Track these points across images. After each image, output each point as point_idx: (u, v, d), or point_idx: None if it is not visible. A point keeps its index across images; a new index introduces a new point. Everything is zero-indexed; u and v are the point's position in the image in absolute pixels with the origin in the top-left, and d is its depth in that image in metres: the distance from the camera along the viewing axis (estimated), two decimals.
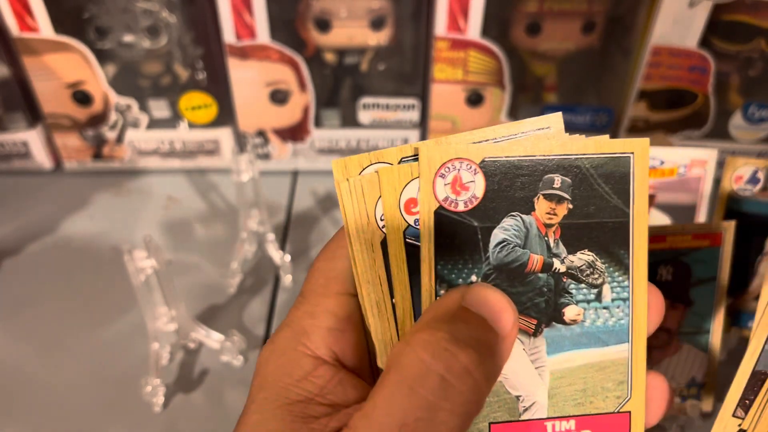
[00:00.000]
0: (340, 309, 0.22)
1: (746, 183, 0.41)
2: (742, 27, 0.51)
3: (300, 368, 0.22)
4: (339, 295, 0.23)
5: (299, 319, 0.23)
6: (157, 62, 0.54)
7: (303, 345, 0.22)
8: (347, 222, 0.22)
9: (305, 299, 0.23)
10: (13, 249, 0.54)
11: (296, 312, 0.23)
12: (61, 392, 0.44)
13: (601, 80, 0.56)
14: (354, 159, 0.22)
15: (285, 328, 0.23)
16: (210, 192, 0.59)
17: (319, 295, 0.23)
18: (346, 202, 0.22)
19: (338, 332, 0.22)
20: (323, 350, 0.22)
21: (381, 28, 0.53)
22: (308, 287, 0.23)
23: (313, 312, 0.23)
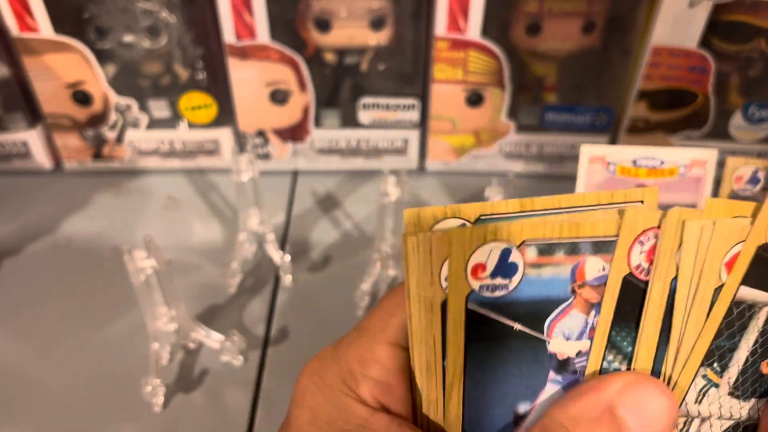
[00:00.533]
0: (391, 360, 0.22)
1: (746, 183, 0.41)
2: (742, 27, 0.51)
3: (356, 415, 0.21)
4: (392, 346, 0.22)
5: (349, 361, 0.22)
6: (157, 62, 0.54)
7: (352, 391, 0.22)
8: (408, 277, 0.21)
9: (359, 339, 0.23)
10: (13, 249, 0.54)
11: (347, 351, 0.22)
12: (61, 392, 0.44)
13: (601, 80, 0.56)
14: (428, 211, 0.21)
15: (333, 365, 0.22)
16: (210, 192, 0.59)
17: (373, 339, 0.22)
18: (411, 257, 0.20)
19: (386, 386, 0.22)
20: (371, 401, 0.22)
21: (381, 28, 0.53)
22: (365, 325, 0.23)
23: (363, 358, 0.22)
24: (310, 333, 0.48)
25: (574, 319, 0.21)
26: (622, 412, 0.19)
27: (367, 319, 0.23)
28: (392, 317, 0.22)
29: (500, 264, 0.20)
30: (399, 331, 0.22)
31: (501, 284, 0.20)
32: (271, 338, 0.48)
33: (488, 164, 0.60)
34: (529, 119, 0.58)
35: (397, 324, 0.22)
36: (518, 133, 0.58)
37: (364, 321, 0.23)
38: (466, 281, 0.20)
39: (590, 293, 0.21)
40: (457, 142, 0.59)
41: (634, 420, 0.19)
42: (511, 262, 0.20)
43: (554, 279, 0.21)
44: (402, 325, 0.22)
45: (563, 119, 0.57)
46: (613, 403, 0.19)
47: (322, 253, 0.54)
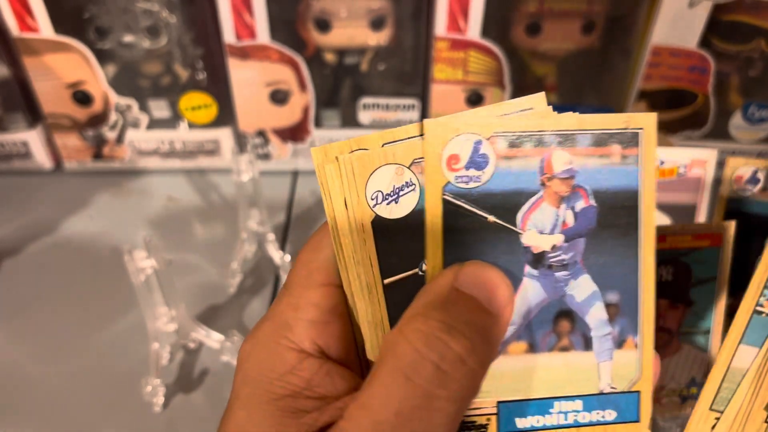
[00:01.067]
0: (323, 300, 0.22)
1: (746, 183, 0.41)
2: (742, 27, 0.51)
3: (284, 362, 0.21)
4: (322, 286, 0.22)
5: (281, 312, 0.22)
6: (157, 62, 0.54)
7: (285, 338, 0.22)
8: (332, 203, 0.21)
9: (288, 291, 0.23)
10: (14, 249, 0.54)
11: (278, 305, 0.23)
12: (61, 392, 0.44)
13: (601, 80, 0.56)
14: (334, 146, 0.22)
15: (266, 322, 0.23)
16: (210, 192, 0.59)
17: (302, 286, 0.22)
18: (332, 183, 0.21)
19: (322, 324, 0.22)
20: (307, 343, 0.22)
21: (381, 28, 0.53)
22: (291, 279, 0.23)
23: (296, 304, 0.22)
24: None
25: (545, 212, 0.22)
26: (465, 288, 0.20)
27: (290, 275, 0.23)
28: (313, 263, 0.23)
29: (473, 155, 0.21)
30: (325, 273, 0.22)
31: (474, 176, 0.21)
32: None
33: None
34: None
35: (320, 268, 0.22)
36: None
37: (289, 276, 0.23)
38: (441, 172, 0.21)
39: (559, 186, 0.21)
40: None
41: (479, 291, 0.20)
42: (483, 154, 0.21)
43: (524, 172, 0.21)
44: (326, 267, 0.22)
45: None
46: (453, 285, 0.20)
47: None
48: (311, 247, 0.23)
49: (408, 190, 0.21)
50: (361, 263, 0.22)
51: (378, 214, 0.21)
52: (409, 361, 0.18)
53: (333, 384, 0.21)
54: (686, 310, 0.37)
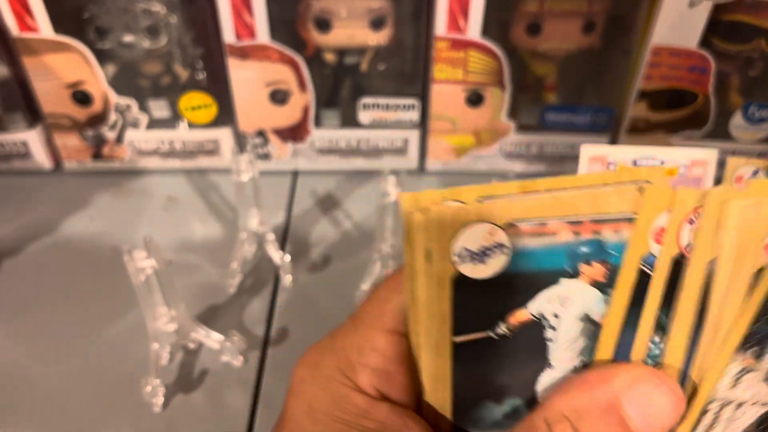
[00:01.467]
0: (389, 348, 0.22)
1: None
2: (743, 27, 0.51)
3: (354, 405, 0.21)
4: (391, 333, 0.22)
5: (346, 351, 0.22)
6: (157, 62, 0.54)
7: (350, 380, 0.21)
8: (413, 255, 0.20)
9: (356, 328, 0.22)
10: (13, 249, 0.54)
11: (344, 340, 0.22)
12: (61, 392, 0.44)
13: (602, 80, 0.56)
14: (426, 194, 0.20)
15: (330, 355, 0.22)
16: (210, 192, 0.59)
17: (370, 327, 0.22)
18: (417, 232, 0.20)
19: (386, 374, 0.21)
20: (370, 390, 0.21)
21: (381, 28, 0.53)
22: (361, 315, 0.22)
23: (361, 347, 0.22)
24: (310, 333, 0.47)
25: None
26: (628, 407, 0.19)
27: (362, 308, 0.23)
28: (387, 304, 0.22)
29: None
30: (396, 318, 0.22)
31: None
32: (271, 338, 0.48)
33: (488, 164, 0.60)
34: (529, 119, 0.58)
35: (392, 311, 0.22)
36: (518, 133, 0.58)
37: (359, 310, 0.23)
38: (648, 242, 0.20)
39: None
40: (457, 142, 0.59)
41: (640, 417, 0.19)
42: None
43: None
44: (398, 311, 0.22)
45: (563, 119, 0.57)
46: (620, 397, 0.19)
47: (322, 253, 0.54)
48: (392, 287, 0.22)
49: (497, 252, 0.20)
50: (435, 317, 0.21)
51: (461, 271, 0.20)
52: None
53: (407, 427, 0.21)
54: None
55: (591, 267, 0.20)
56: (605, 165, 0.43)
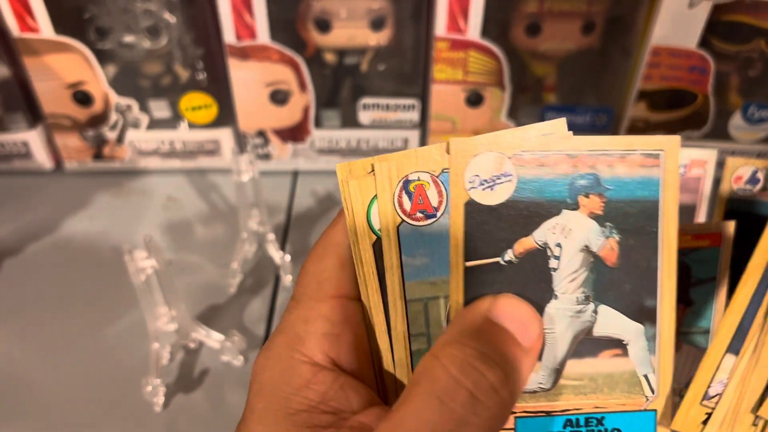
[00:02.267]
0: (334, 312, 0.22)
1: (746, 183, 0.41)
2: (742, 27, 0.51)
3: (298, 376, 0.22)
4: (332, 299, 0.22)
5: (293, 325, 0.22)
6: (157, 62, 0.55)
7: (299, 352, 0.22)
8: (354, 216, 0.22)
9: (298, 303, 0.23)
10: (14, 249, 0.54)
11: (289, 317, 0.23)
12: (62, 392, 0.44)
13: (601, 80, 0.56)
14: (358, 163, 0.22)
15: (279, 335, 0.23)
16: (210, 192, 0.59)
17: (311, 299, 0.23)
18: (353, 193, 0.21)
19: (333, 337, 0.22)
20: (320, 356, 0.22)
21: (381, 29, 0.53)
22: (300, 291, 0.23)
23: (306, 317, 0.22)
24: None
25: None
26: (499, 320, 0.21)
27: (299, 286, 0.23)
28: (321, 273, 0.23)
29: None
30: (334, 284, 0.22)
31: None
32: None
33: None
34: (529, 119, 0.58)
35: (328, 278, 0.23)
36: None
37: (296, 289, 0.23)
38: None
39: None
40: None
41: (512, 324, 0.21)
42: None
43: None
44: (335, 276, 0.23)
45: None
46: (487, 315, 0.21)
47: None
48: (317, 258, 0.23)
49: (504, 180, 0.21)
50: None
51: (473, 198, 0.22)
52: (444, 386, 0.19)
53: (347, 398, 0.21)
54: (686, 310, 0.37)
55: (588, 199, 0.22)
56: None
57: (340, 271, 0.23)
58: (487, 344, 0.20)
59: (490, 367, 0.19)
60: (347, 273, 0.23)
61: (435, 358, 0.20)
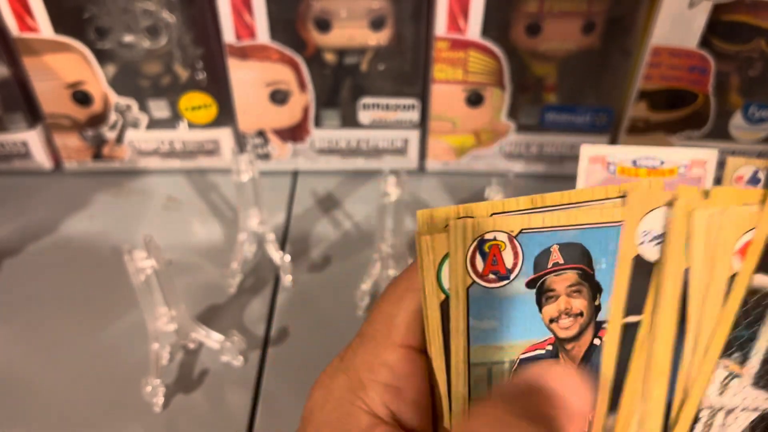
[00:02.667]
0: (400, 364, 0.21)
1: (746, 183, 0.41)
2: (742, 27, 0.51)
3: (359, 427, 0.21)
4: (401, 348, 0.22)
5: (357, 369, 0.22)
6: (157, 62, 0.54)
7: (360, 399, 0.21)
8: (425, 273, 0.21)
9: (364, 345, 0.22)
10: (13, 249, 0.54)
11: (353, 359, 0.22)
12: (61, 392, 0.44)
13: (601, 80, 0.56)
14: (441, 211, 0.21)
15: (341, 375, 0.22)
16: (210, 192, 0.59)
17: (379, 344, 0.22)
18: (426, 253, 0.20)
19: (396, 390, 0.21)
20: (380, 408, 0.21)
21: (381, 29, 0.53)
22: (369, 331, 0.22)
23: (371, 363, 0.22)
24: (311, 333, 0.48)
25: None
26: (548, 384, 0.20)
27: (369, 324, 0.22)
28: (395, 318, 0.22)
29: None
30: (405, 332, 0.22)
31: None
32: (271, 338, 0.48)
33: (488, 164, 0.60)
34: (529, 119, 0.58)
35: (401, 325, 0.22)
36: (518, 133, 0.58)
37: (366, 326, 0.23)
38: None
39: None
40: (457, 142, 0.59)
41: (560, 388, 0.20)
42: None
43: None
44: (405, 323, 0.22)
45: (563, 119, 0.57)
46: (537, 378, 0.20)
47: (322, 253, 0.54)
48: (394, 299, 0.22)
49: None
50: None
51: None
52: None
53: None
54: None
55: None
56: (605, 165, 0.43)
57: (414, 319, 0.22)
58: (526, 404, 0.19)
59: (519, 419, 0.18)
60: (421, 322, 0.22)
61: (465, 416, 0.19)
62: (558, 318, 0.21)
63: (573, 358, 0.21)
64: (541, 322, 0.21)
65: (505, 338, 0.21)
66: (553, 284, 0.21)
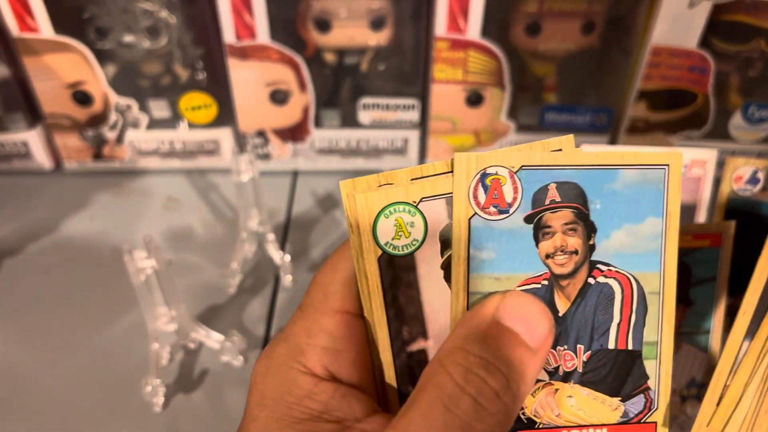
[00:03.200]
0: (337, 328, 0.22)
1: (746, 183, 0.41)
2: (742, 27, 0.51)
3: (300, 387, 0.22)
4: (337, 313, 0.23)
5: (295, 336, 0.23)
6: (157, 62, 0.55)
7: (300, 363, 0.22)
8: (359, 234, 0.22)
9: (303, 314, 0.23)
10: (14, 249, 0.54)
11: (293, 327, 0.23)
12: (61, 392, 0.44)
13: (601, 80, 0.56)
14: (362, 180, 0.22)
15: (281, 344, 0.23)
16: (210, 192, 0.59)
17: (316, 311, 0.23)
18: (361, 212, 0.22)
19: (335, 352, 0.22)
20: (320, 369, 0.22)
21: (381, 29, 0.53)
22: (307, 301, 0.23)
23: (309, 329, 0.23)
24: None
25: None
26: (507, 322, 0.21)
27: (306, 295, 0.23)
28: (330, 286, 0.23)
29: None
30: (339, 298, 0.23)
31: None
32: (272, 338, 0.48)
33: None
34: (528, 119, 0.58)
35: (335, 291, 0.23)
36: (518, 133, 0.58)
37: (305, 298, 0.24)
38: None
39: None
40: (457, 142, 0.59)
41: (520, 325, 0.21)
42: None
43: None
44: (343, 289, 0.23)
45: (563, 119, 0.57)
46: (495, 316, 0.21)
47: (322, 253, 0.54)
48: (329, 269, 0.23)
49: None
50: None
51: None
52: (449, 393, 0.19)
53: (350, 407, 0.22)
54: (686, 310, 0.37)
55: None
56: None
57: (349, 286, 0.23)
58: (491, 350, 0.20)
59: (492, 374, 0.20)
60: (355, 289, 0.23)
61: (440, 365, 0.20)
62: (554, 254, 0.22)
63: (568, 295, 0.22)
64: (537, 257, 0.22)
65: (503, 269, 0.22)
66: (549, 221, 0.22)
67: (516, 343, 0.20)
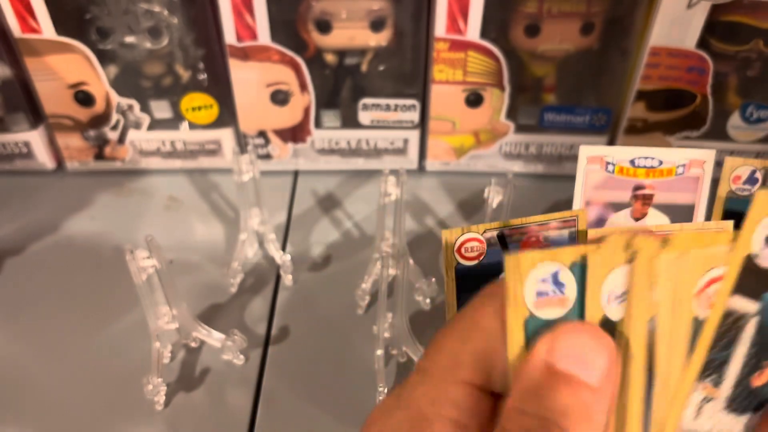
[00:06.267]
0: (466, 400, 0.20)
1: (744, 183, 0.41)
2: (741, 28, 0.52)
3: None
4: (466, 385, 0.20)
5: (417, 402, 0.20)
6: (158, 63, 0.55)
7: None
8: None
9: (426, 380, 0.21)
10: (15, 249, 0.54)
11: (413, 393, 0.21)
12: (63, 391, 0.44)
13: (600, 81, 0.56)
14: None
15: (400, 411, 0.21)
16: (211, 192, 0.60)
17: (443, 380, 0.21)
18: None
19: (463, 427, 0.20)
20: None
21: (381, 29, 0.53)
22: (430, 365, 0.21)
23: (435, 398, 0.20)
24: (311, 332, 0.48)
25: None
26: (561, 364, 0.19)
27: (429, 360, 0.21)
28: (460, 355, 0.21)
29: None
30: (470, 370, 0.21)
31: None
32: (272, 337, 0.48)
33: (488, 164, 0.61)
34: (528, 120, 0.58)
35: (466, 362, 0.21)
36: (517, 134, 0.58)
37: (425, 362, 0.22)
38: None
39: None
40: (457, 143, 0.59)
41: (577, 366, 0.19)
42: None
43: None
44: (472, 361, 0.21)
45: (562, 120, 0.58)
46: (548, 361, 0.19)
47: (323, 252, 0.54)
48: (459, 336, 0.21)
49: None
50: None
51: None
52: None
53: None
54: None
55: None
56: (603, 165, 0.43)
57: (481, 360, 0.21)
58: (547, 403, 0.18)
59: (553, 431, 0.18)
60: (487, 364, 0.21)
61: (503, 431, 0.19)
62: None
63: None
64: None
65: None
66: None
67: (575, 388, 0.18)
